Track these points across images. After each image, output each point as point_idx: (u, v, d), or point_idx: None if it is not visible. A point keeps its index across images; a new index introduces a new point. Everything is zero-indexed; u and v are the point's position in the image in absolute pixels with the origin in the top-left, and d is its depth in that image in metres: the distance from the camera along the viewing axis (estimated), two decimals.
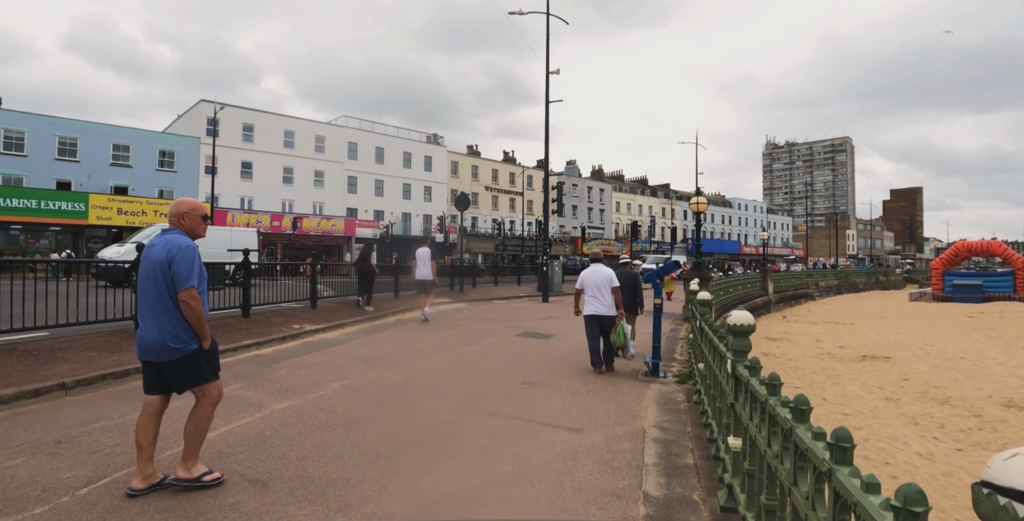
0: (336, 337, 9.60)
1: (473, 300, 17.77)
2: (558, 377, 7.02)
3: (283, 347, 8.38)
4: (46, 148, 33.71)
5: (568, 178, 64.77)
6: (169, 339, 3.21)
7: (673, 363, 8.40)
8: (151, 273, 3.25)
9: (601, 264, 7.53)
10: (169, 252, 3.21)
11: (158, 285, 3.23)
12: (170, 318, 3.22)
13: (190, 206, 3.44)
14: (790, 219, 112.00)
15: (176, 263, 3.19)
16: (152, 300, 3.25)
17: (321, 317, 10.89)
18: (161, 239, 3.32)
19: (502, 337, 10.35)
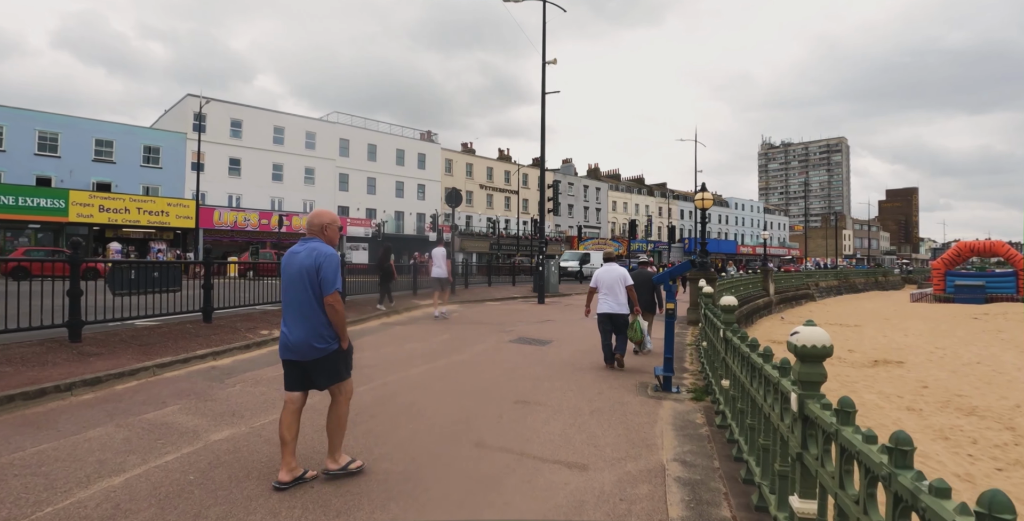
0: None
1: (465, 302, 16.84)
2: (557, 393, 6.11)
3: (245, 357, 7.43)
4: (25, 143, 32.62)
5: (564, 176, 63.88)
6: (315, 339, 3.44)
7: (684, 374, 7.50)
8: (298, 278, 3.47)
9: (615, 263, 7.63)
10: (316, 259, 3.45)
11: (305, 290, 3.46)
12: (316, 320, 3.45)
13: (332, 218, 3.68)
14: (787, 219, 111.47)
15: (323, 270, 3.43)
16: (299, 303, 3.47)
17: None
18: (304, 247, 3.54)
19: (494, 343, 9.42)
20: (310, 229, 3.64)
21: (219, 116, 39.25)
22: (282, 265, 3.66)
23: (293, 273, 3.52)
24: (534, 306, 16.99)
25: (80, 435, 4.21)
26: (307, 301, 3.46)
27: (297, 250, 3.57)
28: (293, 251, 3.59)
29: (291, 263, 3.54)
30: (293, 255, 3.56)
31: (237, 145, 40.05)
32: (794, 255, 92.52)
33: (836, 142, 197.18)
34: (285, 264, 3.61)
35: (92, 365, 5.96)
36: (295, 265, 3.51)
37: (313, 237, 3.61)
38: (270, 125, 41.85)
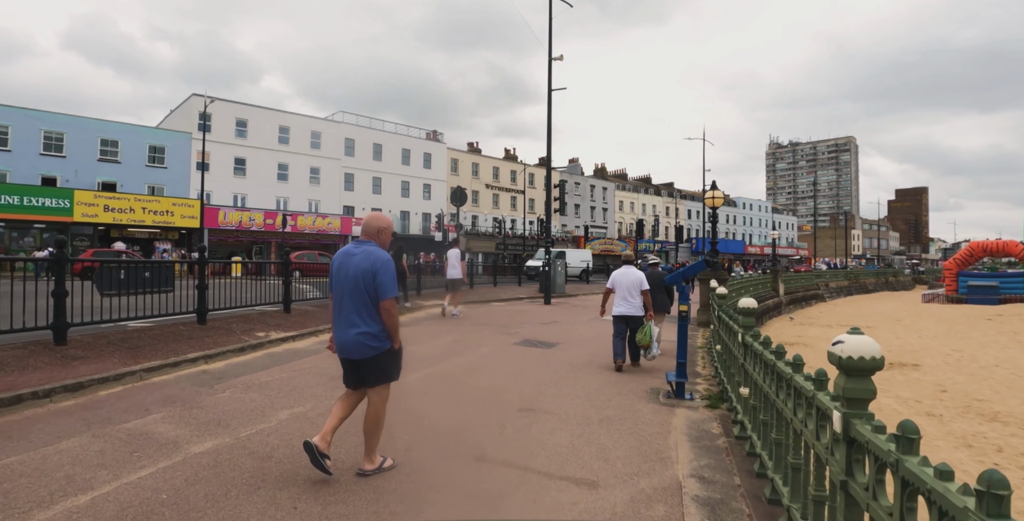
0: (307, 347, 8.35)
1: (470, 302, 16.52)
2: (564, 399, 5.78)
3: (239, 360, 7.13)
4: (31, 143, 32.55)
5: (570, 176, 63.51)
6: (368, 339, 3.51)
7: (697, 379, 7.16)
8: (353, 280, 3.52)
9: (632, 266, 7.77)
10: (373, 264, 3.50)
11: (360, 291, 3.51)
12: (372, 321, 3.52)
13: (387, 223, 3.76)
14: (795, 219, 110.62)
15: (380, 275, 3.49)
16: (357, 305, 3.52)
17: (294, 323, 9.64)
18: (360, 249, 3.59)
19: (498, 346, 9.11)
20: (366, 232, 3.71)
21: (224, 116, 39.11)
22: (334, 265, 3.70)
23: (348, 274, 3.58)
24: (540, 307, 16.66)
25: (52, 447, 3.93)
26: (363, 303, 3.54)
27: (353, 252, 3.62)
28: (348, 252, 3.65)
29: (346, 264, 3.60)
30: (348, 256, 3.62)
31: (242, 145, 39.90)
32: (802, 255, 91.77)
33: (845, 141, 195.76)
34: (338, 264, 3.65)
35: (75, 369, 5.68)
36: (351, 266, 3.57)
37: (368, 240, 3.69)
38: (275, 125, 41.68)
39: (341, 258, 3.66)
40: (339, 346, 3.65)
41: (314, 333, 9.27)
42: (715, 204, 13.81)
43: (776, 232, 41.03)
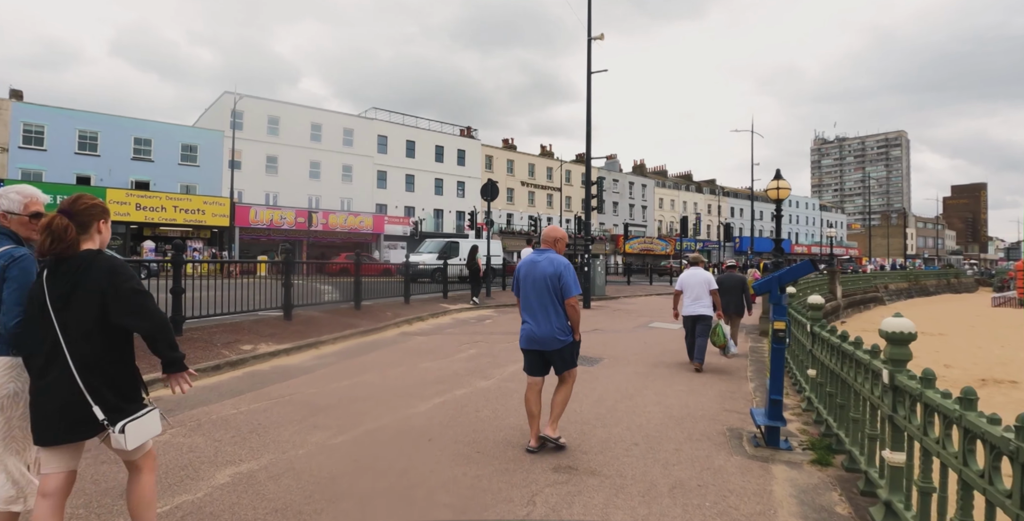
0: (300, 363, 7.01)
1: (501, 306, 15.08)
2: (617, 448, 4.27)
3: (210, 382, 5.83)
4: (66, 142, 32.54)
5: (608, 173, 61.52)
6: (558, 333, 4.12)
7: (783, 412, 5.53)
8: (542, 283, 4.16)
9: (700, 268, 7.94)
10: (557, 268, 4.16)
11: (548, 292, 4.15)
12: (558, 317, 4.13)
13: (563, 235, 4.49)
14: (844, 217, 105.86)
15: (564, 277, 4.13)
16: (544, 303, 4.15)
17: (292, 332, 8.31)
18: (544, 257, 4.26)
19: None
20: (545, 241, 4.37)
21: (256, 113, 38.63)
22: (521, 271, 4.31)
23: (536, 278, 4.17)
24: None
25: None
26: (551, 302, 4.12)
27: (536, 259, 4.24)
28: (532, 260, 4.25)
29: (532, 270, 4.20)
30: (533, 263, 4.22)
31: (274, 142, 39.36)
32: (852, 255, 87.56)
33: (895, 136, 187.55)
34: (525, 271, 4.26)
35: None
36: (537, 271, 4.16)
37: (547, 248, 4.32)
38: (307, 122, 41.04)
39: (527, 265, 4.27)
40: (528, 339, 4.21)
41: (314, 345, 7.93)
42: (780, 196, 12.04)
43: (833, 230, 38.38)
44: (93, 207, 2.30)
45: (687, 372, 7.40)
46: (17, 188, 2.54)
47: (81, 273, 2.16)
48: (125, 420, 2.16)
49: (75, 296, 2.15)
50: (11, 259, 2.33)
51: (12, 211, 2.46)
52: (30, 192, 2.53)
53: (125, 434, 2.13)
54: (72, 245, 2.18)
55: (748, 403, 5.86)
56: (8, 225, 2.46)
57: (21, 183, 22.40)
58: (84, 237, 2.25)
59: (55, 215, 2.20)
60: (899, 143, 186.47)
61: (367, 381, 6.19)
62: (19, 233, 2.48)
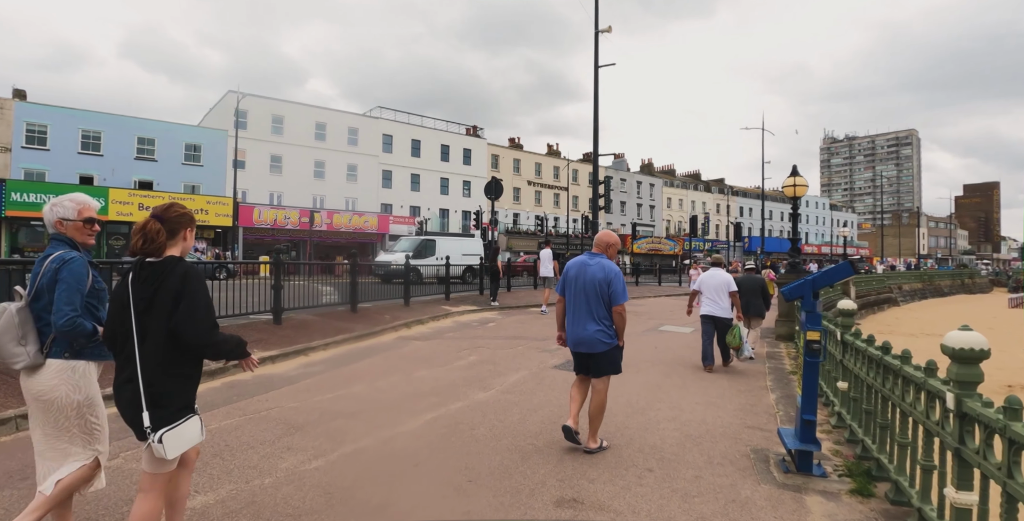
0: (284, 372, 6.52)
1: (506, 308, 14.57)
2: (627, 474, 3.76)
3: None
4: (69, 142, 32.32)
5: (616, 172, 60.89)
6: (603, 336, 4.19)
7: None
8: (591, 287, 4.22)
9: (720, 269, 7.90)
10: (607, 274, 4.22)
11: (597, 296, 4.21)
12: (605, 322, 4.20)
13: (616, 240, 4.51)
14: (855, 216, 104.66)
15: (613, 284, 4.20)
16: (592, 308, 4.21)
17: (281, 337, 7.82)
18: (595, 261, 4.32)
19: (533, 371, 7.12)
20: (597, 245, 4.44)
21: (260, 113, 38.32)
22: (571, 272, 4.37)
23: (585, 282, 4.26)
24: None
25: None
26: (598, 306, 4.22)
27: (588, 262, 4.33)
28: (583, 262, 4.34)
29: (582, 273, 4.29)
30: (584, 266, 4.32)
31: (278, 142, 39.03)
32: (863, 255, 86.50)
33: (906, 135, 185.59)
34: (574, 274, 4.34)
35: None
36: (588, 276, 4.25)
37: (600, 253, 4.40)
38: (312, 121, 40.70)
39: (577, 267, 4.32)
40: (575, 341, 4.25)
41: (303, 352, 7.43)
42: (797, 193, 11.46)
43: (846, 229, 37.60)
44: (183, 216, 2.39)
45: (703, 381, 6.88)
46: (70, 196, 2.66)
47: (164, 278, 2.23)
48: (164, 428, 2.15)
49: (156, 300, 2.22)
50: (62, 262, 2.43)
51: (67, 218, 2.58)
52: (82, 199, 2.66)
53: (166, 444, 2.13)
54: (160, 248, 2.28)
55: (771, 418, 5.33)
56: (64, 231, 2.57)
57: (24, 183, 22.08)
58: (171, 243, 2.34)
59: (149, 219, 2.28)
60: (910, 142, 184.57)
61: (355, 393, 5.70)
62: (75, 239, 2.60)
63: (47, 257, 2.52)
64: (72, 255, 2.50)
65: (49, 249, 2.57)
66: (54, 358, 2.43)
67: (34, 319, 2.47)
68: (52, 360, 2.43)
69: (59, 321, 2.36)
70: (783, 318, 11.06)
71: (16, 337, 2.39)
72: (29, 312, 2.46)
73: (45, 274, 2.45)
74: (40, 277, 2.46)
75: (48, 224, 2.65)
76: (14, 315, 2.41)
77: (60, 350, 2.44)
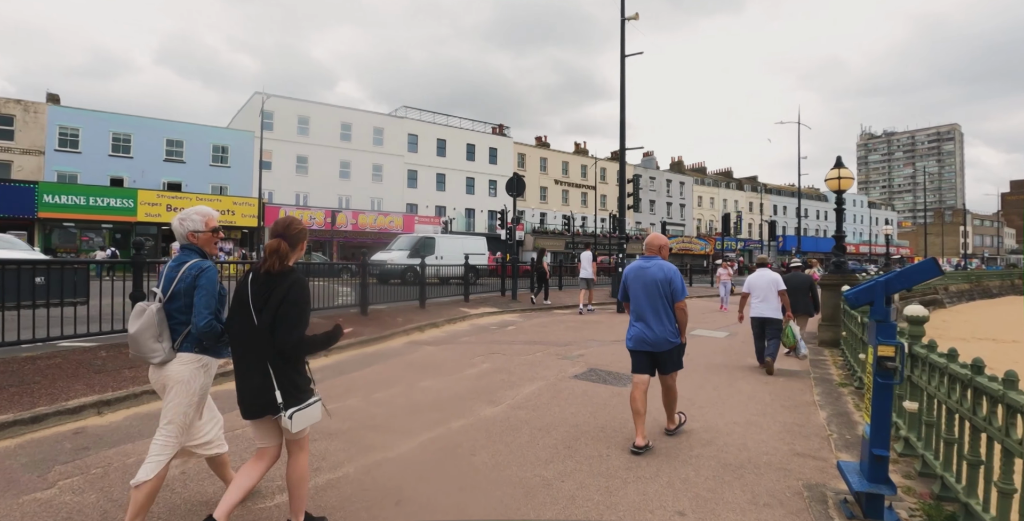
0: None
1: (528, 310, 13.89)
2: (655, 513, 3.07)
3: (144, 410, 4.80)
4: (100, 144, 32.75)
5: (645, 170, 59.70)
6: (669, 335, 4.35)
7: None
8: (653, 288, 4.39)
9: (768, 269, 7.80)
10: (667, 274, 4.39)
11: (661, 296, 4.37)
12: (669, 320, 4.37)
13: (666, 242, 4.68)
14: (895, 214, 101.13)
15: (673, 282, 4.37)
16: (656, 307, 4.37)
17: None
18: (652, 263, 4.49)
19: (551, 381, 6.43)
20: (650, 249, 4.63)
21: (286, 114, 38.39)
22: (630, 276, 4.57)
23: (646, 283, 4.43)
24: (613, 316, 13.80)
25: None
26: (662, 306, 4.37)
27: (645, 266, 4.50)
28: (641, 266, 4.52)
29: (642, 276, 4.47)
30: (642, 269, 4.50)
31: (304, 142, 39.04)
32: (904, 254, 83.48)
33: (947, 130, 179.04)
34: (634, 276, 4.52)
35: None
36: (647, 277, 4.43)
37: (653, 255, 4.58)
38: (337, 121, 40.63)
39: (636, 271, 4.53)
40: (638, 340, 4.41)
41: None
42: (842, 186, 10.52)
43: (888, 227, 35.89)
44: (301, 232, 2.68)
45: (740, 394, 6.12)
46: (196, 210, 2.85)
47: (279, 281, 2.53)
48: (294, 408, 2.52)
49: (271, 300, 2.50)
50: (200, 270, 2.68)
51: (198, 230, 2.80)
52: (208, 212, 2.85)
53: (292, 421, 2.49)
54: (287, 264, 2.59)
55: (823, 442, 4.56)
56: (195, 242, 2.81)
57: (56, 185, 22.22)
58: (291, 254, 2.62)
59: (278, 241, 2.56)
60: (952, 137, 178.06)
61: (347, 408, 5.09)
62: (203, 248, 2.84)
63: (182, 264, 2.72)
64: (208, 264, 2.75)
65: (181, 257, 2.78)
66: (185, 352, 2.68)
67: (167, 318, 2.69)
68: (183, 354, 2.67)
69: (200, 323, 2.61)
70: (827, 322, 10.15)
71: (155, 334, 2.61)
72: (164, 312, 2.67)
73: (183, 279, 2.68)
74: (177, 281, 2.68)
75: (179, 236, 2.83)
76: (154, 315, 2.61)
77: (190, 346, 2.68)
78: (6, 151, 30.75)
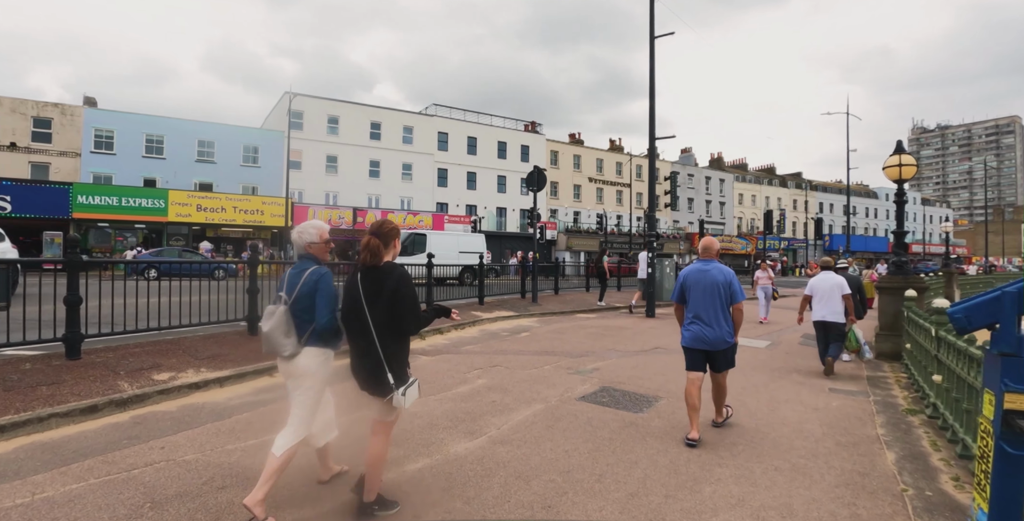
0: (224, 401, 5.00)
1: (547, 314, 12.85)
2: None
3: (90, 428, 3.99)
4: (134, 146, 33.08)
5: (683, 167, 57.81)
6: (726, 335, 4.56)
7: (944, 511, 3.08)
8: (713, 290, 4.57)
9: (832, 271, 7.76)
10: (726, 277, 4.61)
11: (719, 298, 4.56)
12: (726, 321, 4.59)
13: (720, 246, 4.93)
14: (949, 211, 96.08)
15: (732, 285, 4.58)
16: (715, 308, 4.56)
17: (246, 353, 6.32)
18: (711, 266, 4.68)
19: (550, 405, 5.39)
20: (707, 252, 4.79)
21: (316, 113, 38.20)
22: (690, 279, 4.70)
23: (706, 285, 4.60)
24: (640, 321, 12.65)
25: None
26: (721, 307, 4.57)
27: (705, 268, 4.68)
28: (700, 269, 4.69)
29: (702, 278, 4.63)
30: (702, 272, 4.66)
31: (334, 142, 38.79)
32: (960, 253, 79.09)
33: (1007, 122, 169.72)
34: (694, 279, 4.67)
35: None
36: (707, 280, 4.61)
37: (711, 259, 4.77)
38: (367, 120, 40.27)
39: (695, 274, 4.68)
40: (695, 339, 4.59)
41: (267, 371, 5.96)
42: (904, 175, 9.14)
43: (948, 224, 33.47)
44: (392, 230, 3.11)
45: (783, 427, 4.96)
46: (312, 224, 3.26)
47: (385, 278, 2.93)
48: (404, 386, 2.93)
49: (381, 294, 2.89)
50: (320, 275, 3.05)
51: (313, 242, 3.20)
52: (321, 226, 3.26)
53: (405, 397, 2.91)
54: (380, 258, 2.98)
55: (896, 501, 3.41)
56: (311, 252, 3.20)
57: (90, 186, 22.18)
58: (385, 251, 3.02)
59: (370, 237, 2.99)
60: (1012, 130, 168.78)
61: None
62: (318, 256, 3.23)
63: (303, 270, 3.05)
64: (325, 270, 3.10)
65: (302, 264, 3.11)
66: (310, 346, 3.00)
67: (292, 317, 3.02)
68: (308, 348, 3.01)
69: (323, 321, 2.98)
70: (886, 332, 8.82)
71: (284, 332, 2.95)
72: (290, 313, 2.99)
73: (306, 284, 3.01)
74: (301, 286, 3.00)
75: (298, 247, 3.19)
76: (283, 315, 2.96)
77: (314, 341, 3.01)
78: (44, 153, 31.29)
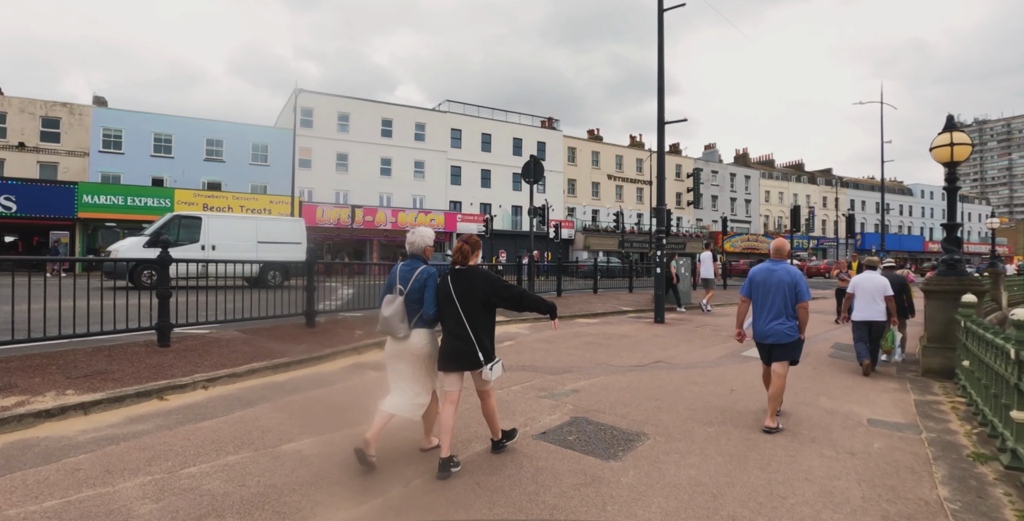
0: (73, 435, 3.76)
1: (541, 319, 11.55)
2: None
3: None
4: (142, 145, 32.68)
5: (707, 164, 55.92)
6: (789, 330, 4.85)
7: None
8: (780, 288, 4.90)
9: (875, 272, 7.72)
10: (793, 277, 4.92)
11: (785, 297, 4.89)
12: (791, 318, 4.88)
13: (789, 247, 5.31)
14: (989, 209, 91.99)
15: (799, 285, 4.89)
16: (779, 305, 4.89)
17: (142, 369, 5.13)
18: (779, 267, 5.01)
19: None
20: (778, 253, 5.12)
21: (326, 110, 37.41)
22: (759, 278, 5.06)
23: (773, 284, 4.94)
24: (647, 327, 11.27)
25: None
26: (785, 304, 4.88)
27: (772, 268, 5.01)
28: (769, 268, 5.03)
29: (770, 277, 4.97)
30: (770, 271, 5.00)
31: (344, 140, 37.94)
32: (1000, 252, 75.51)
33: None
34: (763, 278, 5.02)
35: None
36: (775, 279, 4.94)
37: (780, 260, 5.07)
38: (378, 117, 39.35)
39: (764, 273, 5.03)
40: (763, 334, 4.95)
41: (157, 393, 4.76)
42: (956, 157, 7.62)
43: (994, 220, 31.27)
44: (477, 243, 3.96)
45: (807, 484, 3.64)
46: (426, 231, 4.04)
47: (472, 277, 3.76)
48: (492, 362, 3.75)
49: (470, 290, 3.72)
50: (429, 274, 3.82)
51: (430, 245, 4.01)
52: (429, 233, 4.04)
53: (493, 371, 3.72)
54: (468, 260, 3.85)
55: None
56: (424, 254, 3.99)
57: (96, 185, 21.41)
58: (472, 256, 3.89)
59: (462, 244, 3.88)
60: None
61: (101, 500, 2.99)
62: (424, 256, 3.99)
63: (414, 268, 3.84)
64: (433, 270, 3.88)
65: (412, 263, 3.91)
66: (418, 328, 3.75)
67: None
68: (417, 329, 3.75)
69: (429, 311, 3.75)
70: (935, 343, 7.34)
71: (400, 318, 3.71)
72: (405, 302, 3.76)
73: (418, 280, 3.78)
74: (413, 281, 3.77)
75: (416, 248, 3.97)
76: (401, 303, 3.72)
77: (422, 324, 3.76)
78: (53, 153, 30.98)
